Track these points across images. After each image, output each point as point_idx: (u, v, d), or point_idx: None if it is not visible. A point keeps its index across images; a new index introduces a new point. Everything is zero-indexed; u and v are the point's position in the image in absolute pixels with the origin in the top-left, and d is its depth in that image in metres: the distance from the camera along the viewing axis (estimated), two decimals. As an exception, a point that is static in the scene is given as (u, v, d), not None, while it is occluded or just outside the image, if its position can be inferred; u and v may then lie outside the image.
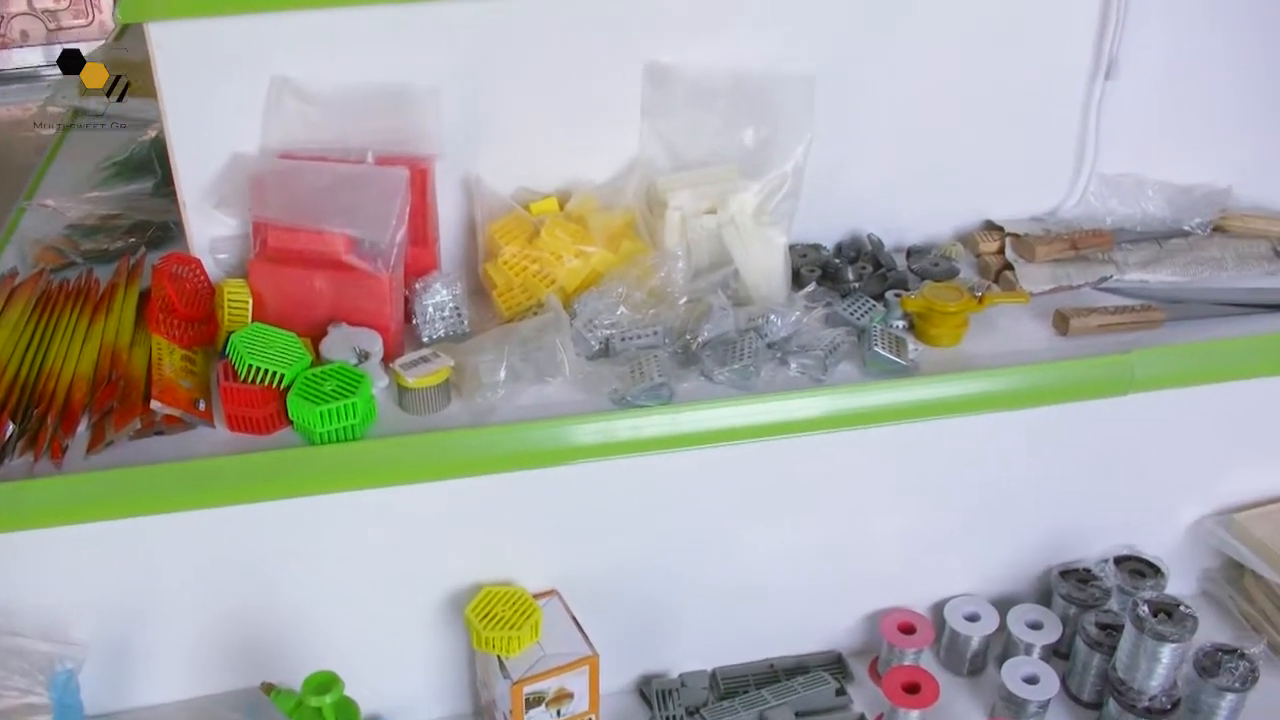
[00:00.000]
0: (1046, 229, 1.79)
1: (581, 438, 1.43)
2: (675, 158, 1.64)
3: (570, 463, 1.46)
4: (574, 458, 1.45)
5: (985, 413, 1.58)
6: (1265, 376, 1.71)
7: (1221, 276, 1.79)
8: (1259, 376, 1.71)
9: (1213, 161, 1.90)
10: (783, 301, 1.59)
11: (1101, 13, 1.72)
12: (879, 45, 1.67)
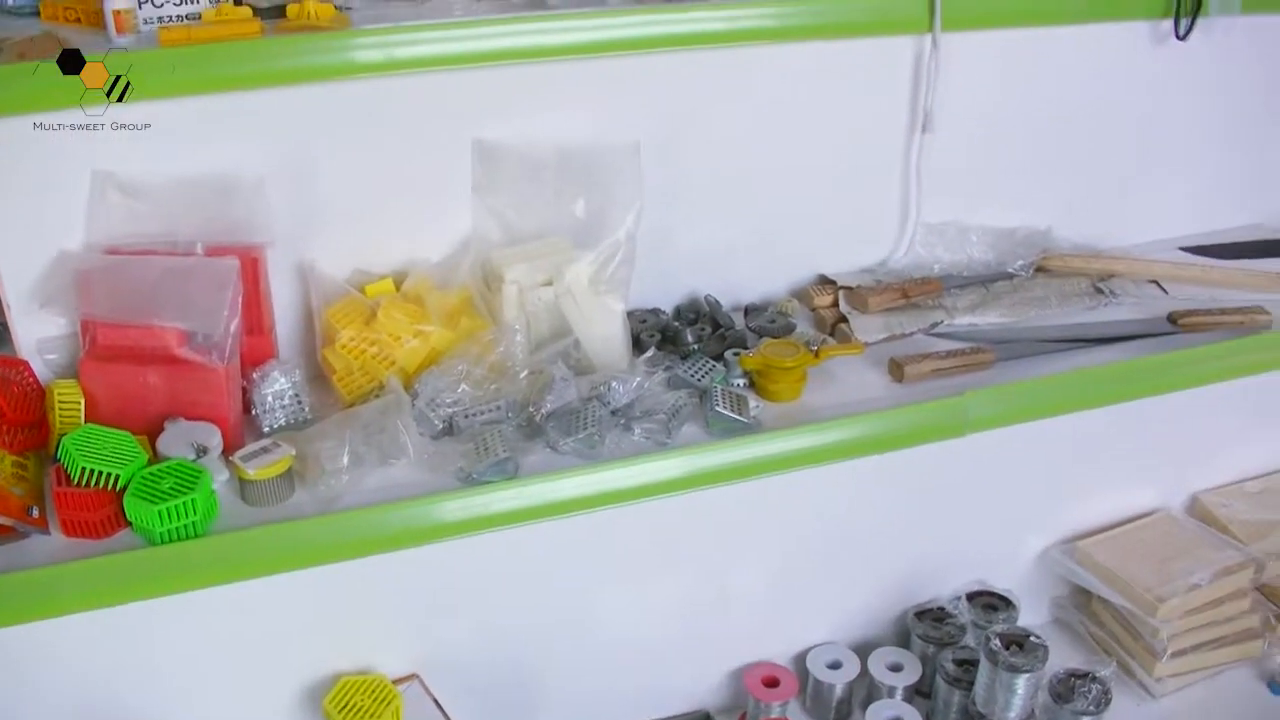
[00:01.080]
0: (878, 280, 1.84)
1: (429, 518, 1.42)
2: (508, 232, 1.65)
3: (420, 544, 1.44)
4: (423, 539, 1.44)
5: (829, 463, 1.60)
6: (1094, 408, 1.77)
7: (1046, 315, 1.85)
8: (1089, 408, 1.77)
9: (1031, 204, 1.98)
10: (624, 368, 1.61)
11: (914, 70, 1.78)
12: (702, 111, 1.71)
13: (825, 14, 1.66)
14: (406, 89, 1.54)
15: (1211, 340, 1.83)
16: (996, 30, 1.80)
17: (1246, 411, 2.14)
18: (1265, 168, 2.20)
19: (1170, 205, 2.14)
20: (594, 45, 1.54)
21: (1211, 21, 1.90)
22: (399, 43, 1.43)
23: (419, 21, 1.45)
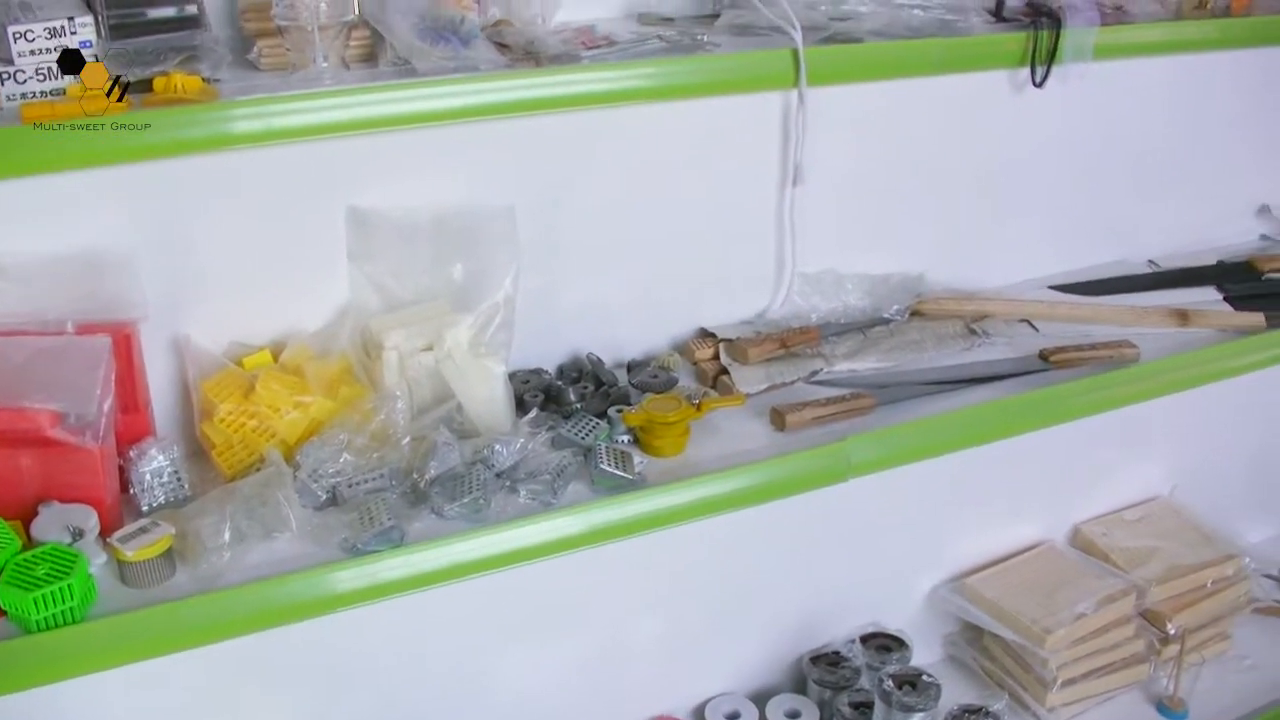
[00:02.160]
0: (757, 331, 1.86)
1: (315, 591, 1.40)
2: (386, 298, 1.65)
3: (307, 618, 1.42)
4: (310, 613, 1.42)
5: (716, 515, 1.62)
6: (973, 446, 1.81)
7: (923, 358, 1.90)
8: (967, 447, 1.81)
9: (904, 250, 2.03)
10: (508, 430, 1.61)
11: (783, 126, 1.82)
12: (577, 171, 1.73)
13: (694, 74, 1.68)
14: (278, 159, 1.54)
15: (1082, 375, 1.89)
16: (860, 84, 1.85)
17: (1120, 442, 2.20)
18: (1126, 205, 2.28)
19: (1038, 245, 2.21)
20: (466, 110, 1.55)
21: (1066, 69, 1.97)
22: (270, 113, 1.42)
23: (290, 92, 1.44)
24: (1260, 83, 2.34)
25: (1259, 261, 2.31)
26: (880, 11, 1.88)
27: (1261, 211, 2.50)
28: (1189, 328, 2.08)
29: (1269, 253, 2.37)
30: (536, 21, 1.76)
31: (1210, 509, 2.37)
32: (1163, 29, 2.07)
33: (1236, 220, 2.48)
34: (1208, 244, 2.41)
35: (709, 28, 1.85)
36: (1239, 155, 2.41)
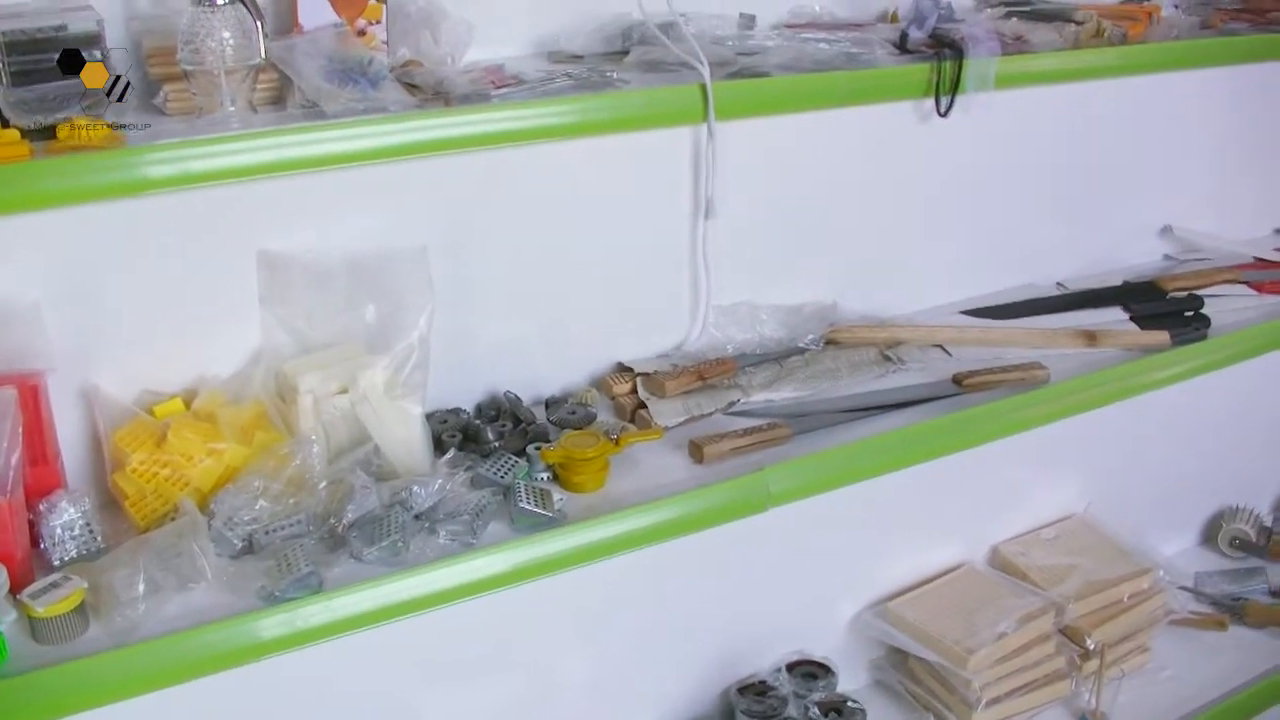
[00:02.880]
0: (674, 364, 1.87)
1: (232, 641, 1.38)
2: (300, 342, 1.64)
3: (224, 669, 1.40)
4: (227, 663, 1.40)
5: (637, 549, 1.62)
6: (890, 472, 1.83)
7: (839, 386, 1.92)
8: (884, 473, 1.83)
9: (818, 280, 2.06)
10: (426, 471, 1.61)
11: (694, 160, 1.84)
12: (490, 210, 1.74)
13: (603, 111, 1.70)
14: (187, 204, 1.53)
15: (994, 398, 1.92)
16: (769, 117, 1.88)
17: (1034, 462, 2.24)
18: (1033, 229, 2.33)
19: (949, 270, 2.25)
20: (375, 152, 1.55)
21: (970, 98, 2.01)
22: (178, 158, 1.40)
23: (197, 136, 1.43)
24: (1158, 107, 2.41)
25: (1163, 281, 2.37)
26: (787, 46, 1.91)
27: (1164, 232, 2.57)
28: (1097, 348, 2.12)
29: (1172, 272, 2.44)
30: (446, 61, 1.76)
31: (1124, 524, 2.41)
32: (1062, 58, 2.12)
33: (1140, 241, 2.54)
34: (1113, 265, 2.47)
35: (618, 64, 1.86)
36: (1141, 177, 2.47)
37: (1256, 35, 2.48)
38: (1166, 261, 2.55)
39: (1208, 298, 2.34)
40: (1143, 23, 2.26)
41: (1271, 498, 2.83)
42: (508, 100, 1.65)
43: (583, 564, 1.58)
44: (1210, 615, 2.51)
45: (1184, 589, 2.54)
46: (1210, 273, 2.42)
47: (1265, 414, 2.62)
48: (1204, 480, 2.63)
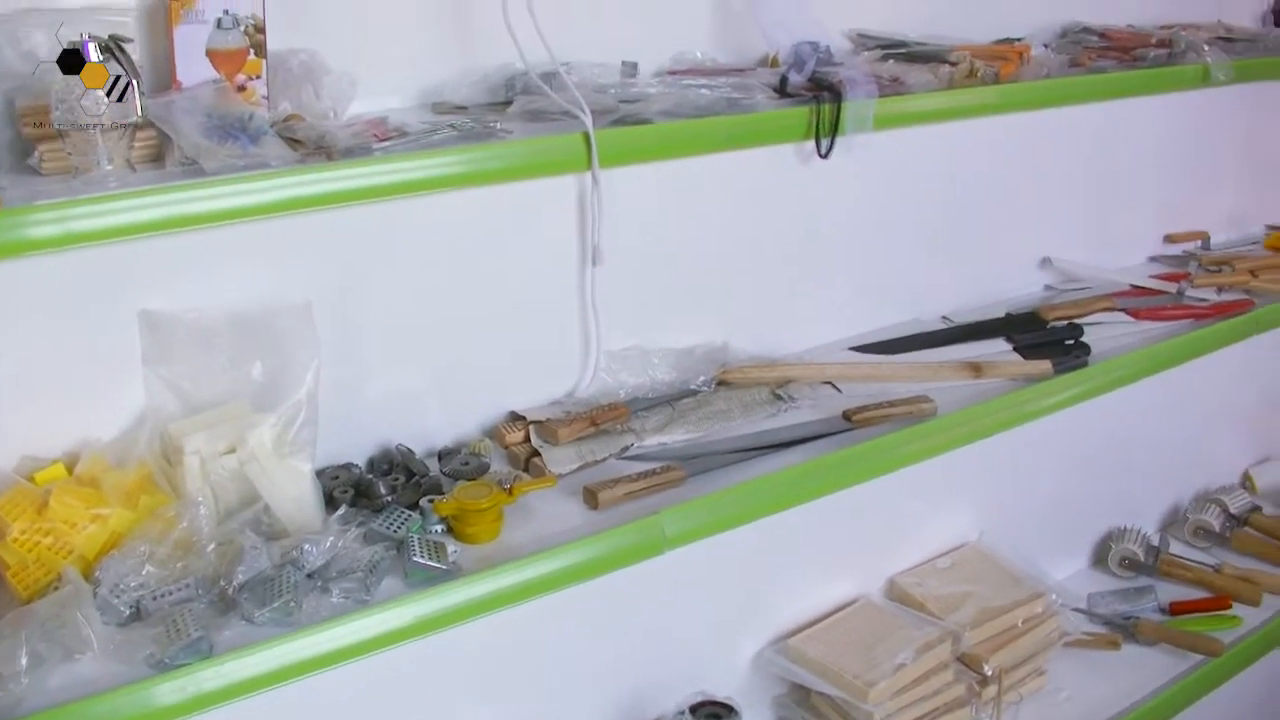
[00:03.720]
0: (567, 411, 1.88)
1: (119, 712, 1.35)
2: (185, 402, 1.61)
3: (114, 740, 1.37)
4: (116, 735, 1.37)
5: (535, 598, 1.62)
6: (784, 510, 1.85)
7: (731, 426, 1.94)
8: (778, 511, 1.85)
9: (707, 322, 2.08)
10: (317, 528, 1.59)
11: (579, 207, 1.85)
12: (376, 262, 1.73)
13: (487, 161, 1.71)
14: (65, 265, 1.50)
15: (884, 432, 1.96)
16: (653, 163, 1.90)
17: (926, 493, 2.28)
18: (918, 264, 2.38)
19: (837, 308, 2.29)
20: (257, 208, 1.54)
21: (850, 139, 2.05)
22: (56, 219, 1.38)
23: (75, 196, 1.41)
24: (1033, 143, 2.48)
25: (1043, 311, 2.43)
26: (668, 93, 1.93)
27: (1044, 263, 2.64)
28: (982, 379, 2.17)
29: (1052, 302, 2.50)
30: (328, 115, 1.76)
31: (1017, 550, 2.46)
32: (937, 98, 2.17)
33: (1022, 273, 2.61)
34: (997, 297, 2.53)
35: (502, 114, 1.87)
36: (1020, 211, 2.54)
37: (1123, 72, 2.57)
38: (1047, 292, 2.63)
39: (1087, 326, 2.41)
40: (1014, 62, 2.32)
41: (1157, 517, 2.91)
42: (391, 153, 1.65)
43: (480, 615, 1.57)
44: (1103, 635, 2.57)
45: (1077, 610, 2.60)
46: (1088, 301, 2.49)
47: (1147, 436, 2.70)
48: (1092, 503, 2.70)
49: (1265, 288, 2.73)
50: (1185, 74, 2.67)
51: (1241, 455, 3.03)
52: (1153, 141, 2.76)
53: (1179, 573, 2.74)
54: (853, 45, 2.40)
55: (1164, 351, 2.43)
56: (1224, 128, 2.92)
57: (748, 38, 2.24)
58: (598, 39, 2.08)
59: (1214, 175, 2.99)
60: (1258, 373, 2.85)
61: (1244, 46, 2.91)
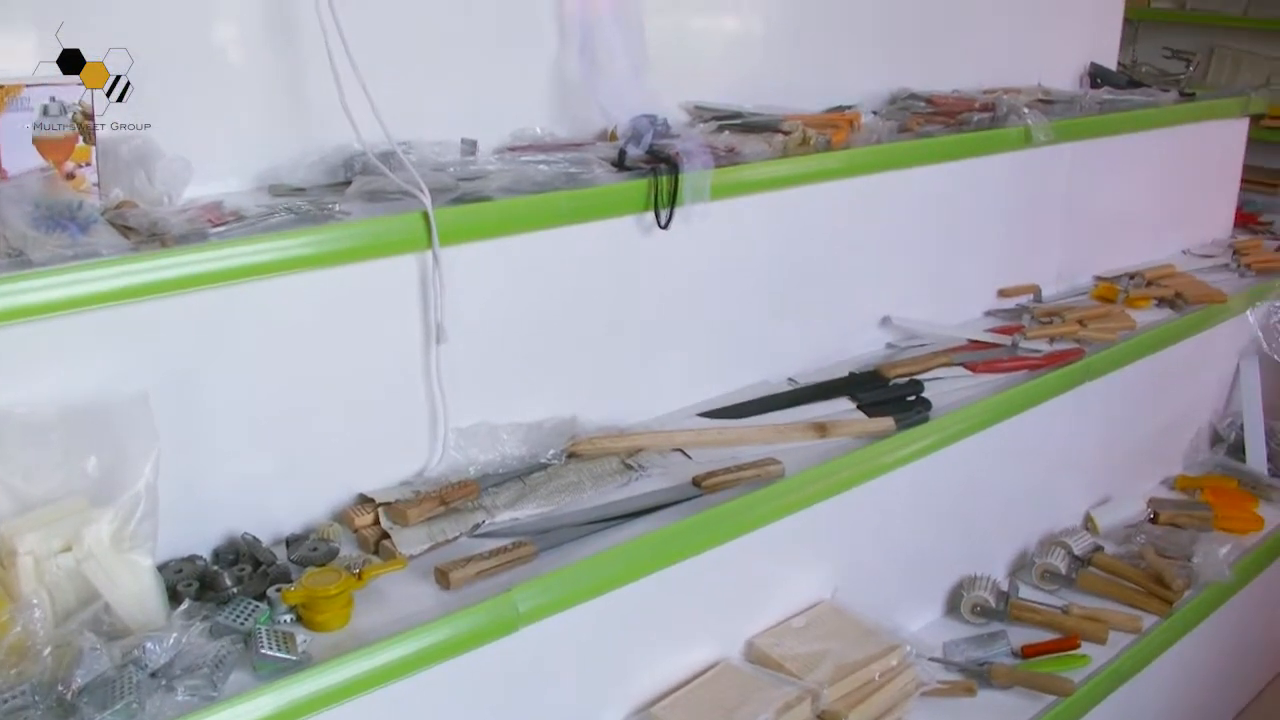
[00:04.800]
0: (416, 491, 1.86)
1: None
2: (18, 501, 1.56)
3: None
4: None
5: (388, 684, 1.59)
6: (637, 579, 1.87)
7: (582, 498, 1.94)
8: (632, 581, 1.86)
9: (556, 395, 2.09)
10: (161, 625, 1.55)
11: (421, 287, 1.85)
12: (215, 349, 1.70)
13: (325, 244, 1.71)
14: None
15: (733, 496, 1.99)
16: (494, 239, 1.91)
17: (779, 554, 2.30)
18: (763, 328, 2.43)
19: (685, 375, 2.32)
20: (88, 298, 1.52)
21: (689, 209, 2.10)
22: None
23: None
24: (868, 206, 2.56)
25: (885, 369, 2.50)
26: (508, 169, 1.96)
27: (884, 322, 2.71)
28: (828, 438, 2.22)
29: (893, 360, 2.57)
30: (162, 201, 1.75)
31: (871, 603, 2.50)
32: (772, 167, 2.24)
33: (864, 332, 2.68)
34: (840, 357, 2.60)
35: (340, 195, 1.87)
36: (859, 272, 2.61)
37: (950, 136, 2.69)
38: (889, 350, 2.70)
39: (927, 381, 2.49)
40: (845, 130, 2.41)
41: (1006, 563, 2.98)
42: (226, 238, 1.65)
43: (333, 705, 1.54)
44: (959, 682, 2.62)
45: (933, 660, 2.64)
46: (928, 358, 2.57)
47: (992, 485, 2.77)
48: (942, 553, 2.76)
49: (1094, 336, 2.85)
50: (1008, 136, 2.80)
51: (1082, 498, 3.13)
52: (982, 201, 2.87)
53: (1029, 616, 2.81)
54: (690, 117, 2.46)
55: (1001, 403, 2.52)
56: (1048, 185, 3.05)
57: (587, 112, 2.29)
58: (438, 117, 2.10)
59: (1042, 230, 3.11)
60: (1091, 417, 2.96)
61: (1062, 108, 3.07)
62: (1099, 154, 3.14)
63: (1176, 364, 3.16)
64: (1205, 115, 3.62)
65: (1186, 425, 3.45)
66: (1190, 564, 2.91)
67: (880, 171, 2.50)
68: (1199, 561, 2.92)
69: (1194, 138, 3.60)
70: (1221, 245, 3.80)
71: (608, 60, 2.24)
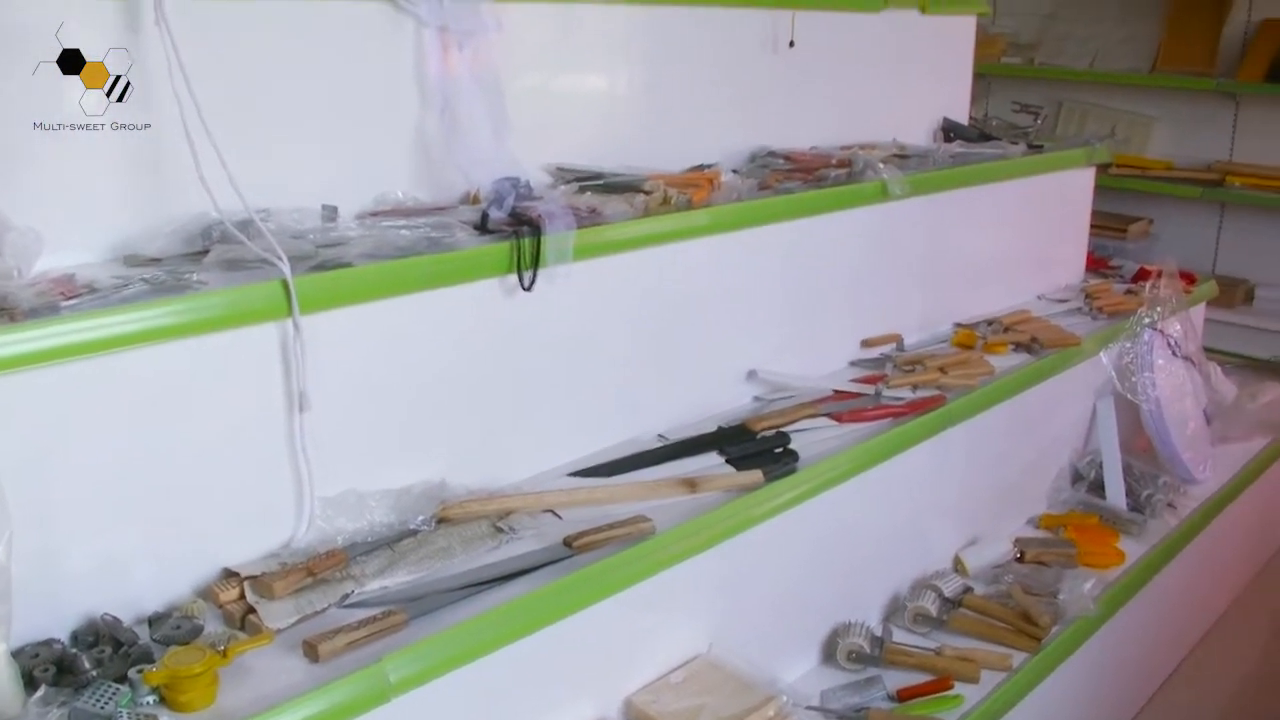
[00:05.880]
0: (283, 563, 1.83)
1: None
2: None
3: None
4: None
5: (256, 762, 1.57)
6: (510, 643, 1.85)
7: (453, 563, 1.93)
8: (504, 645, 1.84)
9: (424, 460, 2.08)
10: (16, 713, 1.50)
11: (283, 356, 1.83)
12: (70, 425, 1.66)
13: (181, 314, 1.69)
14: None
15: (605, 555, 1.99)
16: (357, 306, 1.90)
17: (653, 611, 2.31)
18: (632, 386, 2.45)
19: (555, 435, 2.32)
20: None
21: (553, 270, 2.11)
22: None
23: None
24: (731, 261, 2.60)
25: (752, 422, 2.53)
26: (369, 235, 1.96)
27: (751, 375, 2.75)
28: (698, 493, 2.24)
29: (761, 413, 2.61)
30: (12, 275, 1.71)
31: (748, 655, 2.51)
32: (634, 226, 2.27)
33: (731, 386, 2.71)
34: (709, 412, 2.62)
35: (198, 265, 1.85)
36: (725, 327, 2.65)
37: (808, 192, 2.75)
38: (756, 403, 2.73)
39: (794, 433, 2.53)
40: (705, 189, 2.45)
41: (879, 608, 3.03)
42: (78, 311, 1.62)
43: (198, 786, 1.52)
44: (838, 730, 2.65)
45: (810, 709, 2.66)
46: (794, 409, 2.61)
47: (862, 532, 2.82)
48: (816, 602, 2.79)
49: (955, 383, 2.92)
50: (865, 190, 2.87)
51: (950, 540, 3.19)
52: (843, 254, 2.93)
53: (903, 659, 2.85)
54: (552, 179, 2.48)
55: (866, 451, 2.57)
56: (906, 237, 3.13)
57: (449, 176, 2.30)
58: (298, 183, 2.10)
59: (902, 281, 3.19)
60: (955, 461, 3.02)
61: (917, 162, 3.16)
62: (954, 206, 3.24)
63: (1035, 406, 3.26)
64: (1053, 166, 3.76)
65: (1048, 465, 3.54)
66: (1056, 600, 2.98)
67: (741, 228, 2.55)
68: (1064, 598, 2.99)
69: (1044, 187, 3.74)
70: (1074, 290, 3.94)
71: (469, 123, 2.25)
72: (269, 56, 2.06)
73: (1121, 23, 6.59)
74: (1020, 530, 3.40)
